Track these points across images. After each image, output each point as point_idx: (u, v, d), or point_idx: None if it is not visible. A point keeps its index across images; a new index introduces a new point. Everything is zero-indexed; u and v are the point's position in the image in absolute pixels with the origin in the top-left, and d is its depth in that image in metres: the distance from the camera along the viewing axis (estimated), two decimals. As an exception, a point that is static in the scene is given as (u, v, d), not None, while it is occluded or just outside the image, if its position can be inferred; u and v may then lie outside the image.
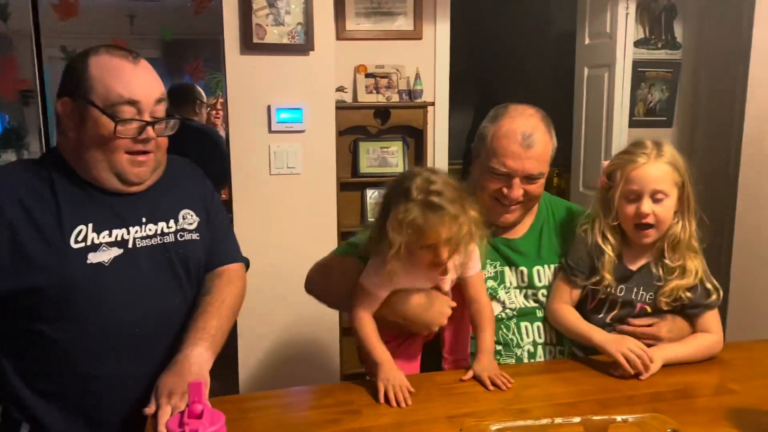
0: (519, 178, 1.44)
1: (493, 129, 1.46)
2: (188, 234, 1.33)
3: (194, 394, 0.93)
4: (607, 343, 1.36)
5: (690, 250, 1.42)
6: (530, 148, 1.42)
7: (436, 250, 1.26)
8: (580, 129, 3.34)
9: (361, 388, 1.30)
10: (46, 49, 2.52)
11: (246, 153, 2.42)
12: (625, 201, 1.39)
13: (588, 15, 3.23)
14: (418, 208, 1.23)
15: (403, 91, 2.98)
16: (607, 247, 1.43)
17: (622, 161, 1.40)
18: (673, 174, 1.37)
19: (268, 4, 2.35)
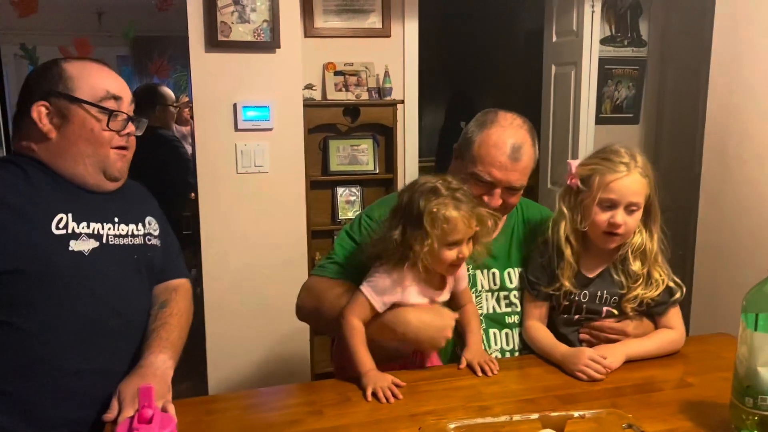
0: (501, 189, 1.45)
1: (481, 136, 1.45)
2: (154, 239, 1.38)
3: (144, 399, 0.92)
4: (565, 358, 1.37)
5: (656, 259, 1.44)
6: (518, 161, 1.43)
7: (461, 246, 1.29)
8: (548, 126, 3.37)
9: (325, 388, 1.30)
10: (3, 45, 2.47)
11: (212, 152, 2.39)
12: (599, 208, 1.39)
13: (555, 13, 3.26)
14: (451, 202, 1.27)
15: (372, 89, 2.98)
16: (567, 251, 1.44)
17: (601, 168, 1.40)
18: (646, 186, 1.40)
19: (233, 1, 2.32)
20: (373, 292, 1.32)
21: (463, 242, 1.29)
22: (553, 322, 1.51)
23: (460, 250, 1.29)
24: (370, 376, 1.26)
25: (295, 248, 2.55)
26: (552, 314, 1.51)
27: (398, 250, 1.30)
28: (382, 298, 1.32)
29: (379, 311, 1.33)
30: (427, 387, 1.29)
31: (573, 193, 1.45)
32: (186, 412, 1.19)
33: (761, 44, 2.21)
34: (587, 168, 1.42)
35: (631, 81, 3.34)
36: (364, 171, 3.03)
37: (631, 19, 3.28)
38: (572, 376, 1.34)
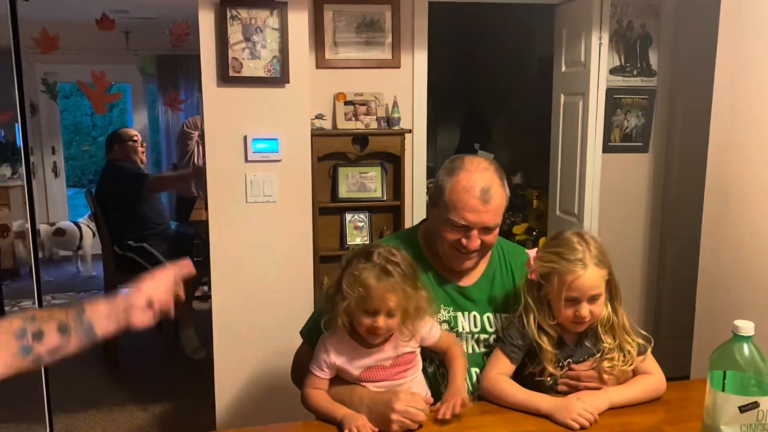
0: (477, 230, 1.50)
1: (451, 182, 1.52)
2: None
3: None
4: (557, 411, 1.39)
5: (624, 331, 1.50)
6: (488, 202, 1.49)
7: (376, 316, 1.32)
8: (557, 154, 3.40)
9: (319, 428, 1.36)
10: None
11: (222, 182, 2.48)
12: (563, 303, 1.44)
13: (564, 44, 3.30)
14: (375, 270, 1.33)
15: (381, 118, 3.05)
16: (544, 341, 1.47)
17: (558, 267, 1.43)
18: (603, 273, 1.45)
19: (245, 38, 2.41)
20: (315, 365, 1.42)
21: (379, 313, 1.32)
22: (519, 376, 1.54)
23: (374, 320, 1.33)
24: (347, 418, 1.33)
25: (302, 274, 2.62)
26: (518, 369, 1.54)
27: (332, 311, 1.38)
28: (321, 368, 1.41)
29: (324, 378, 1.42)
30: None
31: (535, 285, 1.49)
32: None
33: (762, 80, 2.23)
34: (545, 266, 1.46)
35: (641, 110, 3.36)
36: (372, 198, 3.09)
37: (641, 49, 3.30)
38: (562, 425, 1.36)
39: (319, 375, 1.42)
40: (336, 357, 1.40)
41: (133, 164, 4.02)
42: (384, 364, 1.41)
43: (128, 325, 1.17)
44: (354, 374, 1.42)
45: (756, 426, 1.09)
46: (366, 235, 3.13)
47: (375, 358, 1.40)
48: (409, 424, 1.31)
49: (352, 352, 1.40)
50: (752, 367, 1.11)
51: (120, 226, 3.77)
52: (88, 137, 11.02)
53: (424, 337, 1.45)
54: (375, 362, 1.40)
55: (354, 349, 1.40)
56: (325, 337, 1.42)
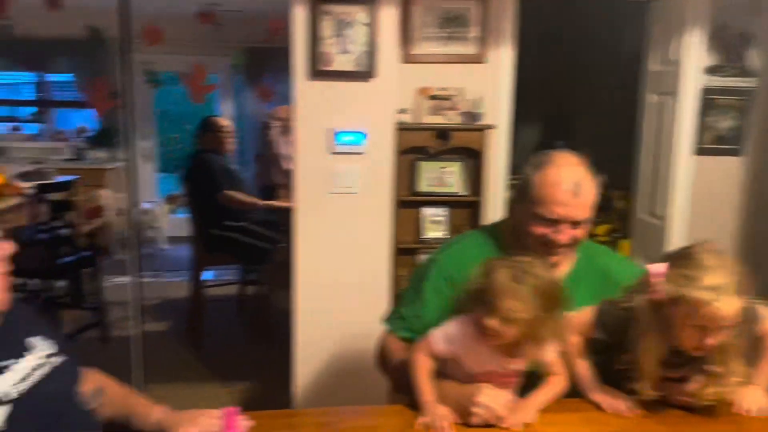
0: (566, 224, 1.48)
1: (539, 177, 1.50)
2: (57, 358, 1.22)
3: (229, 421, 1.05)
4: (593, 391, 1.42)
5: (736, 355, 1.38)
6: (578, 195, 1.47)
7: (490, 314, 1.30)
8: (644, 154, 3.31)
9: (393, 413, 1.41)
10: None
11: (309, 173, 2.57)
12: (689, 328, 1.31)
13: (656, 41, 3.20)
14: (508, 271, 1.31)
15: (464, 113, 3.06)
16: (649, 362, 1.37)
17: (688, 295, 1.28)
18: (740, 303, 1.29)
19: (336, 33, 2.48)
20: (440, 336, 1.40)
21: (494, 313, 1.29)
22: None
23: (489, 319, 1.30)
24: (428, 407, 1.35)
25: (379, 264, 2.68)
26: None
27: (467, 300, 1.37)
28: (444, 343, 1.39)
29: (438, 354, 1.40)
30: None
31: (656, 306, 1.35)
32: (268, 425, 1.34)
33: None
34: (673, 288, 1.31)
35: (736, 112, 3.21)
36: (451, 192, 3.11)
37: (739, 48, 3.16)
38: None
39: (439, 345, 1.39)
40: (463, 342, 1.37)
41: (221, 157, 4.16)
42: (504, 372, 1.38)
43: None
44: (471, 370, 1.39)
45: None
46: (444, 230, 3.15)
47: (499, 365, 1.38)
48: (489, 417, 1.32)
49: (477, 347, 1.37)
50: None
51: (214, 209, 3.92)
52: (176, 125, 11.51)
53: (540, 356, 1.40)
54: (500, 368, 1.38)
55: (481, 347, 1.36)
56: (462, 319, 1.39)
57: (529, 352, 1.35)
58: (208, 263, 4.04)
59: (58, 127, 6.99)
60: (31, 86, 6.91)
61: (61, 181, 4.73)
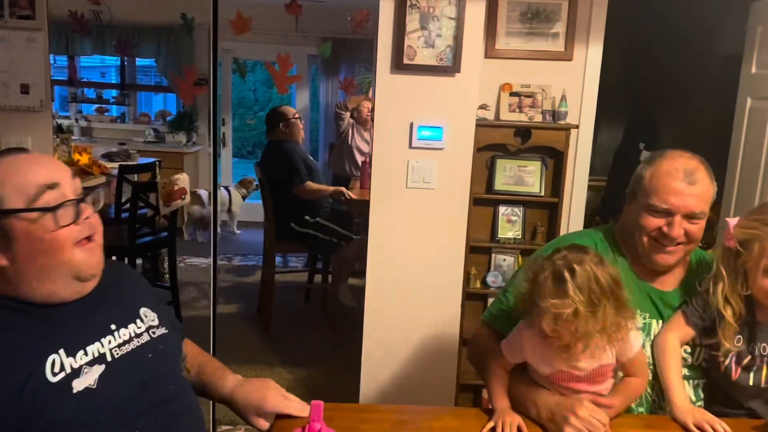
0: (680, 216, 1.42)
1: (651, 169, 1.47)
2: (158, 329, 1.26)
3: (315, 414, 1.05)
4: (681, 410, 1.36)
5: None
6: (693, 184, 1.42)
7: (541, 315, 1.27)
8: (737, 162, 3.13)
9: (469, 416, 1.38)
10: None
11: (386, 166, 2.55)
12: (762, 273, 1.34)
13: (758, 42, 3.02)
14: (549, 270, 1.28)
15: (546, 111, 2.98)
16: (728, 312, 1.39)
17: (761, 234, 1.34)
18: None
19: (421, 26, 2.46)
20: (507, 347, 1.40)
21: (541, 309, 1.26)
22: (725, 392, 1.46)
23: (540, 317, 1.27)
24: (500, 412, 1.33)
25: (453, 261, 2.65)
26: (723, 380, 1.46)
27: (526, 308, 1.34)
28: (510, 352, 1.39)
29: (511, 362, 1.39)
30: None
31: (732, 254, 1.39)
32: (343, 417, 1.34)
33: None
34: (747, 232, 1.37)
35: (843, 120, 3.00)
36: (528, 192, 3.04)
37: None
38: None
39: (508, 357, 1.40)
40: (529, 349, 1.37)
41: (299, 147, 4.22)
42: (578, 373, 1.35)
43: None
44: (544, 372, 1.37)
45: None
46: (518, 230, 3.09)
47: (569, 364, 1.34)
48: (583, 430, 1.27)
49: (544, 351, 1.35)
50: None
51: (292, 200, 3.99)
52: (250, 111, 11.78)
53: (622, 351, 1.36)
54: (568, 368, 1.35)
55: (547, 348, 1.34)
56: (524, 324, 1.38)
57: (591, 348, 1.30)
58: (279, 250, 4.11)
59: (140, 110, 7.28)
60: (116, 69, 7.21)
61: (142, 162, 4.92)
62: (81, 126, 6.74)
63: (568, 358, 1.32)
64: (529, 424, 1.33)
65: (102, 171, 4.42)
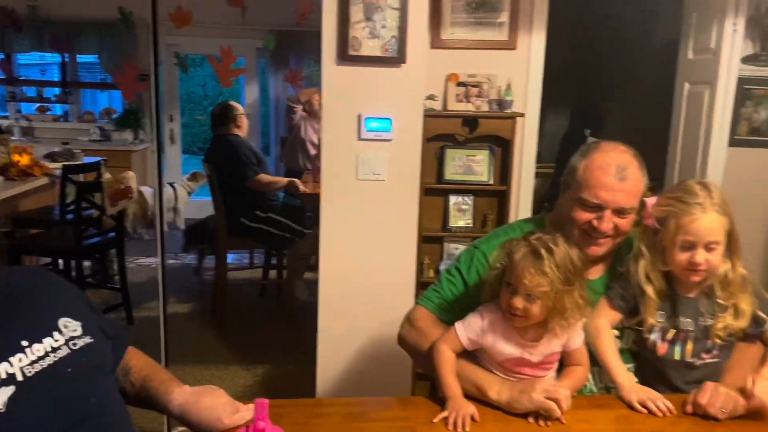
0: (610, 211, 1.45)
1: (585, 162, 1.49)
2: (81, 340, 1.16)
3: (259, 412, 1.04)
4: (626, 389, 1.41)
5: (741, 290, 1.44)
6: (624, 180, 1.44)
7: (514, 293, 1.30)
8: (677, 145, 3.24)
9: (419, 405, 1.39)
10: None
11: (336, 159, 2.54)
12: (679, 249, 1.41)
13: (693, 29, 3.12)
14: (526, 249, 1.32)
15: (493, 100, 3.01)
16: (649, 289, 1.45)
17: (676, 210, 1.40)
18: (724, 222, 1.40)
19: (366, 17, 2.44)
20: (463, 328, 1.40)
21: (517, 291, 1.30)
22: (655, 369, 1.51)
23: (513, 297, 1.30)
24: (453, 403, 1.33)
25: (405, 252, 2.66)
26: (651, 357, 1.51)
27: (490, 286, 1.36)
28: (469, 335, 1.39)
29: (465, 347, 1.39)
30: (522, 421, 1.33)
31: (651, 232, 1.45)
32: (295, 413, 1.33)
33: None
34: (662, 209, 1.43)
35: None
36: (478, 181, 3.08)
37: (779, 36, 3.07)
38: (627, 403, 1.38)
39: (462, 340, 1.39)
40: (490, 333, 1.37)
41: (246, 140, 4.18)
42: (531, 359, 1.38)
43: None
44: (496, 359, 1.39)
45: None
46: (469, 219, 3.13)
47: (526, 350, 1.37)
48: (547, 403, 1.30)
49: (504, 334, 1.37)
50: None
51: (243, 195, 3.95)
52: (199, 107, 11.56)
53: (571, 340, 1.39)
54: (522, 354, 1.37)
55: (508, 333, 1.36)
56: (484, 308, 1.40)
57: (557, 330, 1.35)
58: (231, 246, 4.06)
59: (85, 108, 7.06)
60: (58, 67, 6.97)
61: (87, 162, 4.77)
62: (21, 126, 6.51)
63: (533, 342, 1.36)
64: (482, 411, 1.34)
65: (44, 172, 4.28)
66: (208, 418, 1.21)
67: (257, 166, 4.00)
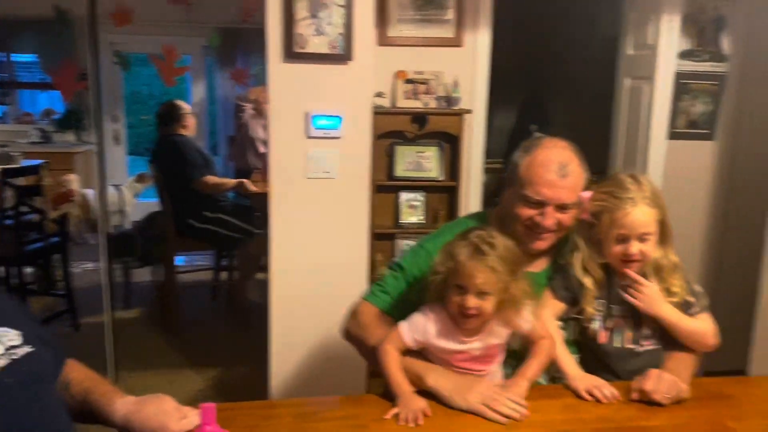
0: (552, 207, 1.49)
1: (527, 159, 1.51)
2: (21, 349, 1.15)
3: (206, 417, 1.02)
4: (573, 378, 1.46)
5: (671, 274, 1.51)
6: (566, 177, 1.48)
7: (465, 294, 1.32)
8: (619, 139, 3.33)
9: (371, 402, 1.39)
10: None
11: (284, 157, 2.51)
12: (613, 242, 1.47)
13: (632, 25, 3.20)
14: (468, 248, 1.33)
15: (441, 97, 3.03)
16: (587, 281, 1.51)
17: (609, 205, 1.46)
18: (655, 214, 1.46)
19: (311, 14, 2.43)
20: (407, 328, 1.41)
21: (468, 290, 1.31)
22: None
23: (464, 298, 1.31)
24: (403, 399, 1.34)
25: (357, 250, 2.65)
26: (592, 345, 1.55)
27: (431, 288, 1.38)
28: (413, 335, 1.40)
29: (409, 346, 1.40)
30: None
31: (587, 225, 1.51)
32: (245, 416, 1.32)
33: None
34: (597, 204, 1.48)
35: (709, 96, 3.24)
36: (428, 177, 3.10)
37: (713, 32, 3.18)
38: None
39: (407, 339, 1.40)
40: (434, 332, 1.38)
41: (192, 140, 4.10)
42: (474, 353, 1.40)
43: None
44: (441, 356, 1.41)
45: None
46: (421, 215, 3.14)
47: (467, 346, 1.39)
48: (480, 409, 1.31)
49: (448, 333, 1.38)
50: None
51: (190, 196, 3.87)
52: (146, 107, 11.29)
53: (517, 325, 1.42)
54: (464, 348, 1.39)
55: (451, 331, 1.38)
56: (428, 308, 1.41)
57: (510, 321, 1.37)
58: (179, 248, 3.97)
59: (23, 109, 6.80)
60: (-6, 66, 6.69)
61: (27, 165, 4.60)
62: (-47, 129, 6.24)
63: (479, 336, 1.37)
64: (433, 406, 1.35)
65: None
66: (153, 427, 1.18)
67: (204, 167, 3.93)
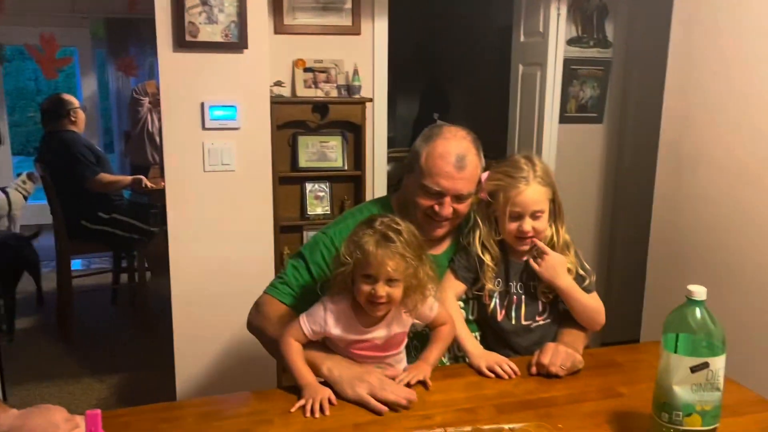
0: (450, 197, 1.53)
1: (427, 149, 1.54)
2: None
3: (90, 424, 0.97)
4: (474, 356, 1.51)
5: (564, 251, 1.59)
6: (463, 169, 1.51)
7: (375, 283, 1.31)
8: (515, 124, 3.44)
9: (276, 397, 1.36)
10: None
11: (179, 150, 2.42)
12: (508, 219, 1.53)
13: (523, 14, 3.31)
14: (375, 236, 1.31)
15: (341, 86, 3.01)
16: (487, 257, 1.57)
17: (504, 184, 1.52)
18: (547, 192, 1.54)
19: (201, 2, 2.34)
20: (306, 319, 1.39)
21: (378, 279, 1.31)
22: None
23: (374, 287, 1.31)
24: (308, 390, 1.33)
25: (262, 244, 2.60)
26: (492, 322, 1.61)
27: (335, 279, 1.36)
28: (312, 327, 1.38)
29: (308, 337, 1.38)
30: (374, 396, 1.36)
31: (484, 204, 1.58)
32: (143, 420, 1.26)
33: (715, 54, 2.29)
34: (492, 183, 1.55)
35: (596, 81, 3.41)
36: (332, 167, 3.08)
37: (598, 20, 3.34)
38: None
39: (306, 331, 1.38)
40: (333, 324, 1.37)
41: (81, 137, 3.88)
42: (376, 342, 1.39)
43: None
44: (341, 346, 1.40)
45: (705, 385, 1.14)
46: (327, 205, 3.12)
47: (369, 335, 1.38)
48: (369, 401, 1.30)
49: (348, 324, 1.37)
50: (703, 330, 1.16)
51: (82, 196, 3.66)
52: (32, 103, 10.58)
53: (424, 314, 1.43)
54: (365, 338, 1.38)
55: (351, 322, 1.37)
56: (328, 300, 1.39)
57: (415, 307, 1.38)
58: (73, 251, 3.75)
59: None
60: None
61: None
62: None
63: (373, 322, 1.37)
64: (340, 394, 1.35)
65: None
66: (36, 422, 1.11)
67: (96, 164, 3.72)
